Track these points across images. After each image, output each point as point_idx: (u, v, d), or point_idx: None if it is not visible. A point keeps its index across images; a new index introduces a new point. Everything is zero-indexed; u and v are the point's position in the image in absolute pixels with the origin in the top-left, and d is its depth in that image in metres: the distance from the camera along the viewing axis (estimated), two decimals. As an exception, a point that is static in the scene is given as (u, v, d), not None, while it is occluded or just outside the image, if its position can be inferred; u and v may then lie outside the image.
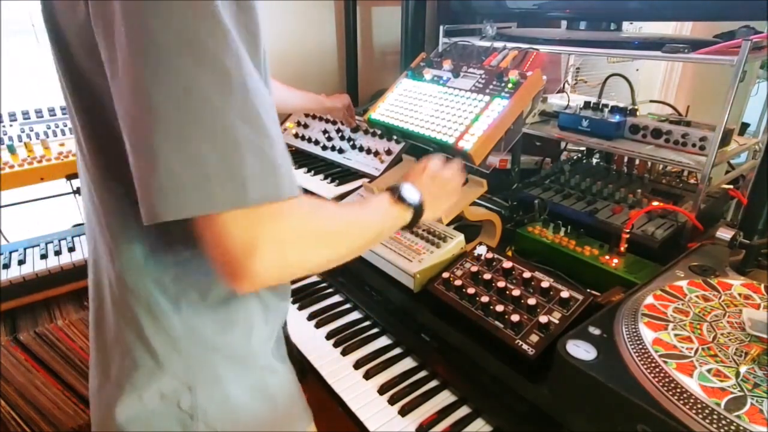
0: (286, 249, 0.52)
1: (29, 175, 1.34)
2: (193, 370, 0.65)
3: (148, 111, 0.44)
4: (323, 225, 0.59)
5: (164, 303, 0.63)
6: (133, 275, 0.61)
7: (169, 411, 0.65)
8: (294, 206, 0.52)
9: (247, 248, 0.48)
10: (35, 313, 1.53)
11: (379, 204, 0.72)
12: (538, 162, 1.50)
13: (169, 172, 0.44)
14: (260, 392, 0.72)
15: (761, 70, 1.06)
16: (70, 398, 1.55)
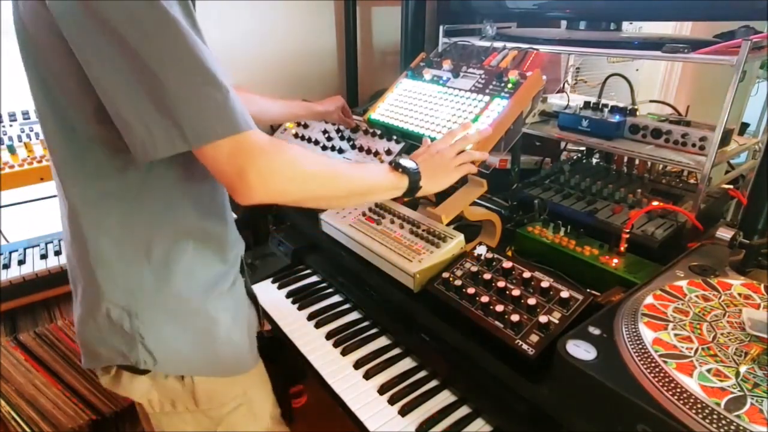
0: (268, 179, 0.67)
1: (29, 175, 1.34)
2: (133, 299, 0.78)
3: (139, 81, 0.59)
4: (306, 165, 0.73)
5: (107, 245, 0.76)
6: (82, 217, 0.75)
7: (116, 331, 0.79)
8: (279, 147, 0.68)
9: (237, 176, 0.65)
10: (35, 313, 1.53)
11: (375, 167, 0.86)
12: (538, 162, 1.50)
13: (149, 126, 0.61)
14: (195, 335, 0.84)
15: (761, 70, 1.06)
16: (70, 398, 1.55)
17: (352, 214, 1.18)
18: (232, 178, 0.66)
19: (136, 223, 0.76)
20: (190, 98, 0.61)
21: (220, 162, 0.65)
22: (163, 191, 0.76)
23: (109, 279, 0.78)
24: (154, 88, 0.59)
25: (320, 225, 1.22)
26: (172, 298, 0.81)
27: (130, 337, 0.80)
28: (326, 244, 1.22)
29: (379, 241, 1.07)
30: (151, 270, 0.78)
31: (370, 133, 1.50)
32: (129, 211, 0.75)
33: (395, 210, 1.15)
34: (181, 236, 0.80)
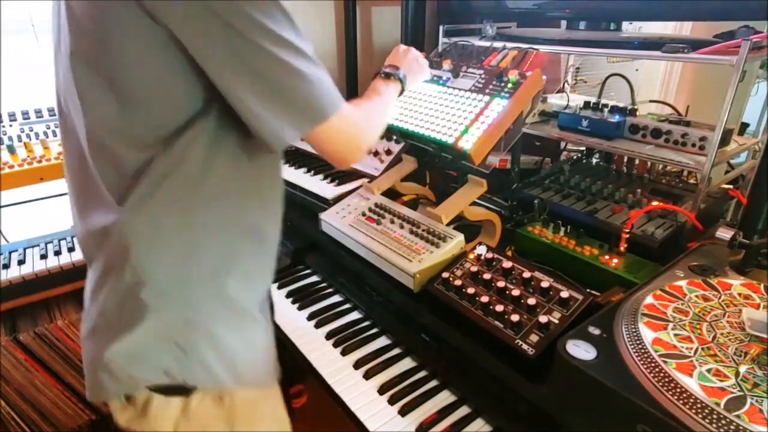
0: (368, 140, 0.82)
1: (29, 175, 1.34)
2: (189, 308, 0.74)
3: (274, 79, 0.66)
4: (375, 117, 0.89)
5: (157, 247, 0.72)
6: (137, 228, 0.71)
7: (166, 346, 0.73)
8: (358, 110, 0.80)
9: (346, 145, 0.77)
10: (35, 314, 1.53)
11: (385, 89, 0.97)
12: (537, 162, 1.50)
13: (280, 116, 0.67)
14: (245, 343, 0.80)
15: (761, 70, 1.06)
16: (70, 398, 1.55)
17: (352, 214, 1.18)
18: (345, 148, 0.77)
19: (194, 222, 0.73)
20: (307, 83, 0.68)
21: (336, 137, 0.74)
22: (227, 186, 0.74)
23: (162, 286, 0.72)
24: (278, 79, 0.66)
25: (320, 225, 1.22)
26: (228, 305, 0.77)
27: (182, 350, 0.74)
28: (326, 244, 1.22)
29: (379, 241, 1.07)
30: (210, 274, 0.75)
31: (370, 133, 1.50)
32: (186, 207, 0.72)
33: (395, 210, 1.15)
34: (241, 237, 0.78)
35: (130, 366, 0.74)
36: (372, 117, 0.87)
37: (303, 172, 1.47)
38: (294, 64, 0.66)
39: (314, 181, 1.41)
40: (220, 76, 0.65)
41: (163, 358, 0.74)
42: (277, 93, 0.67)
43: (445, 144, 1.01)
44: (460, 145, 0.98)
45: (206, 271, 0.74)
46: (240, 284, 0.78)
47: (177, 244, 0.72)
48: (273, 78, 0.66)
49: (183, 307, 0.74)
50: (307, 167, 1.48)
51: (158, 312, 0.72)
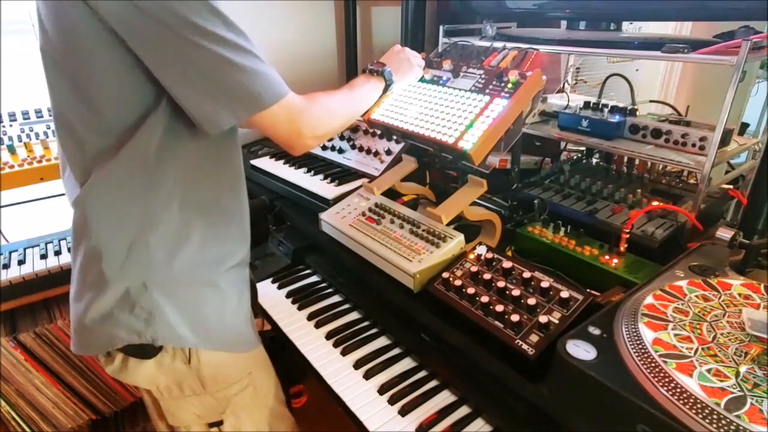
0: (316, 130, 0.86)
1: (29, 175, 1.34)
2: (148, 274, 0.82)
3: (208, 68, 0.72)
4: (335, 107, 0.93)
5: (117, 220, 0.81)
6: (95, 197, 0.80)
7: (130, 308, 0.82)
8: (313, 99, 0.86)
9: (294, 133, 0.83)
10: (35, 314, 1.53)
11: (365, 83, 1.03)
12: (537, 162, 1.50)
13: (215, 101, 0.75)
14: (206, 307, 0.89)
15: (761, 70, 1.06)
16: (70, 398, 1.55)
17: (352, 214, 1.18)
18: (289, 135, 0.83)
19: (150, 198, 0.80)
20: (244, 74, 0.73)
21: (278, 125, 0.81)
22: (183, 165, 0.82)
23: (120, 255, 0.81)
24: (213, 72, 0.72)
25: (320, 225, 1.22)
26: (186, 271, 0.85)
27: (147, 312, 0.82)
28: (326, 244, 1.22)
29: (379, 241, 1.07)
30: (166, 243, 0.83)
31: (370, 133, 1.50)
32: (143, 185, 0.80)
33: (395, 210, 1.15)
34: (197, 210, 0.85)
35: (104, 326, 0.83)
36: (330, 107, 0.91)
37: (303, 172, 1.47)
38: (227, 57, 0.72)
39: (314, 181, 1.41)
40: (158, 71, 0.72)
41: (130, 320, 0.82)
42: (211, 83, 0.73)
43: (446, 144, 1.01)
44: (460, 145, 0.98)
45: (162, 242, 0.82)
46: (198, 253, 0.86)
47: (133, 219, 0.81)
48: (205, 70, 0.72)
49: (142, 275, 0.82)
50: (307, 167, 1.48)
51: (119, 281, 0.81)
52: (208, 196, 0.87)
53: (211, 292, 0.90)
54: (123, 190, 0.80)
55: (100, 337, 0.84)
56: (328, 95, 0.93)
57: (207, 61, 0.71)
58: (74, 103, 0.77)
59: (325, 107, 0.90)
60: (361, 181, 1.32)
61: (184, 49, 0.70)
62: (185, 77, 0.72)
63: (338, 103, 0.95)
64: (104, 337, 0.84)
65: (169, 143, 0.79)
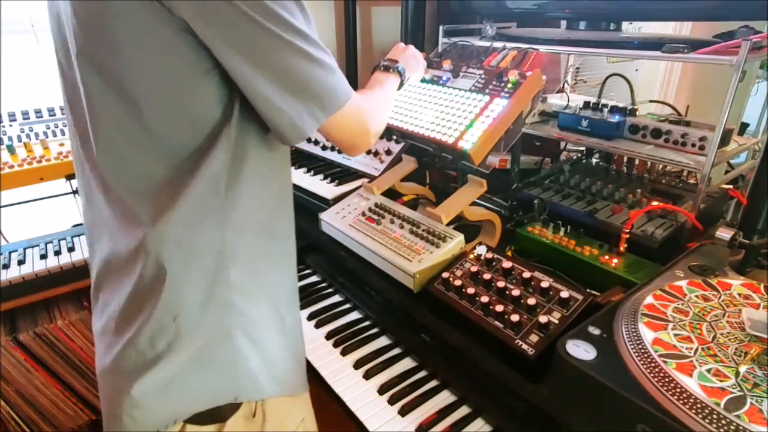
0: (378, 122, 0.84)
1: (29, 175, 1.34)
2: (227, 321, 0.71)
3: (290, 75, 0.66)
4: (381, 105, 0.91)
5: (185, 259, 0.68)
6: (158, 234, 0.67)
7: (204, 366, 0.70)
8: (366, 98, 0.84)
9: (360, 133, 0.79)
10: (35, 314, 1.53)
11: (385, 80, 0.99)
12: (537, 162, 1.50)
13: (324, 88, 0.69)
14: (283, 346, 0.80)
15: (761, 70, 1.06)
16: (70, 398, 1.55)
17: (351, 215, 1.18)
18: (356, 136, 0.79)
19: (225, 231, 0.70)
20: (317, 76, 0.67)
21: (348, 124, 0.76)
22: (250, 189, 0.72)
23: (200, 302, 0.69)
24: (292, 75, 0.66)
25: (320, 225, 1.22)
26: (263, 309, 0.76)
27: (231, 365, 0.72)
28: (326, 244, 1.22)
29: (379, 241, 1.07)
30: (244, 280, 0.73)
31: (370, 133, 1.50)
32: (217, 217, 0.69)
33: (395, 210, 1.15)
34: (267, 237, 0.76)
35: (164, 397, 0.69)
36: (379, 105, 0.89)
37: (303, 172, 1.47)
38: (309, 52, 0.65)
39: (314, 181, 1.41)
40: (236, 67, 0.63)
41: (209, 379, 0.70)
42: (294, 82, 0.66)
43: (445, 144, 1.01)
44: (460, 145, 0.98)
45: (241, 279, 0.72)
46: (273, 286, 0.78)
47: (209, 258, 0.69)
48: (289, 67, 0.65)
49: (223, 321, 0.71)
50: (307, 167, 1.48)
51: (197, 333, 0.69)
52: (273, 221, 0.78)
53: (283, 328, 0.80)
54: (197, 227, 0.68)
55: (163, 410, 0.70)
56: (372, 92, 0.91)
57: (290, 57, 0.64)
58: (123, 122, 0.65)
59: (376, 103, 0.88)
60: (361, 181, 1.32)
61: (267, 42, 0.62)
62: (266, 75, 0.64)
63: (382, 99, 0.93)
64: (169, 409, 0.70)
65: (238, 163, 0.69)
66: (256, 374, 0.74)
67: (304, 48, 0.65)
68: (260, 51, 0.63)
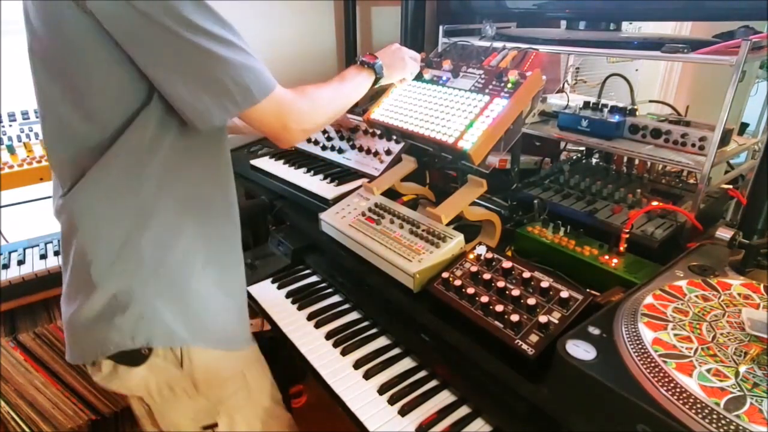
0: (303, 123, 0.87)
1: (29, 175, 1.34)
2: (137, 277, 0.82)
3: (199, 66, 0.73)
4: (322, 100, 0.93)
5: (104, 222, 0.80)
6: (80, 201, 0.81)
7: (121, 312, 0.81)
8: (300, 93, 0.87)
9: (281, 128, 0.84)
10: (34, 314, 1.53)
11: (355, 75, 1.03)
12: (537, 162, 1.50)
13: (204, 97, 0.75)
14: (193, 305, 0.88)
15: (760, 70, 1.06)
16: (70, 398, 1.55)
17: (351, 215, 1.18)
18: (276, 130, 0.84)
19: (141, 195, 0.80)
20: (233, 68, 0.74)
21: (266, 119, 0.81)
22: (174, 162, 0.81)
23: (110, 256, 0.80)
24: (204, 67, 0.73)
25: (320, 225, 1.22)
26: (177, 269, 0.85)
27: (139, 313, 0.81)
28: (326, 244, 1.22)
29: (379, 241, 1.07)
30: (158, 241, 0.82)
31: (370, 133, 1.50)
32: (135, 183, 0.79)
33: (395, 210, 1.15)
34: (188, 207, 0.85)
35: (94, 331, 0.82)
36: (318, 101, 0.92)
37: (303, 172, 1.47)
38: (216, 51, 0.72)
39: (314, 181, 1.41)
40: (147, 67, 0.72)
41: (123, 322, 0.81)
42: (201, 78, 0.73)
43: (445, 144, 1.01)
44: (460, 145, 0.98)
45: (154, 240, 0.81)
46: (190, 250, 0.86)
47: (123, 218, 0.80)
48: (195, 64, 0.72)
49: (133, 275, 0.81)
50: (307, 167, 1.48)
51: (108, 282, 0.80)
52: (199, 193, 0.87)
53: (204, 289, 0.88)
54: (114, 189, 0.79)
55: (91, 343, 0.83)
56: (317, 88, 0.93)
57: (196, 55, 0.71)
58: (64, 103, 0.76)
59: (312, 100, 0.90)
60: (361, 181, 1.32)
61: (174, 43, 0.70)
62: (175, 72, 0.72)
63: (327, 96, 0.95)
64: (95, 342, 0.82)
65: (160, 139, 0.79)
66: (167, 323, 0.83)
67: (208, 47, 0.71)
68: (166, 53, 0.71)
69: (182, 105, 0.75)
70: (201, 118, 0.76)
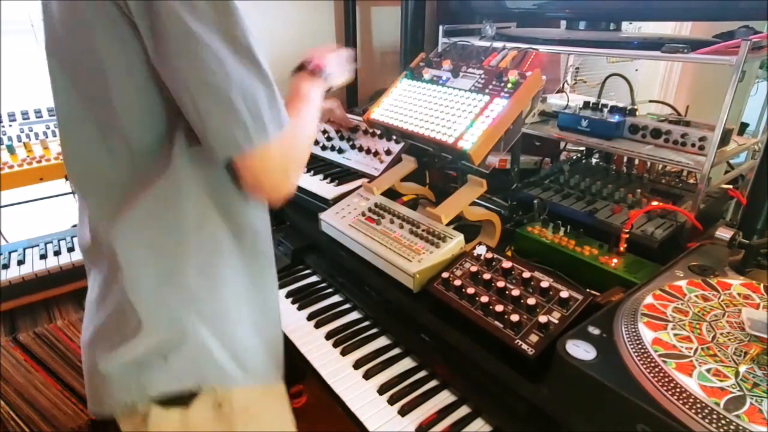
0: (299, 168, 0.78)
1: (28, 175, 1.34)
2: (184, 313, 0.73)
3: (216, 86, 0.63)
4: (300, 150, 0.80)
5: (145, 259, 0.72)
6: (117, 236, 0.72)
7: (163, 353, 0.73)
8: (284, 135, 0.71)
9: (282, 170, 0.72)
10: (34, 314, 1.53)
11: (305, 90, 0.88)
12: (537, 162, 1.50)
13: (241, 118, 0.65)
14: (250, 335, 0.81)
15: (760, 70, 1.06)
16: (70, 398, 1.55)
17: (351, 214, 1.18)
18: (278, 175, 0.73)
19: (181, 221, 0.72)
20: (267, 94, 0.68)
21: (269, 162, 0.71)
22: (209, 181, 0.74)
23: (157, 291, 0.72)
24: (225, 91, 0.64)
25: (320, 225, 1.22)
26: (227, 299, 0.78)
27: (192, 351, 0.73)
28: (326, 244, 1.22)
29: (379, 241, 1.07)
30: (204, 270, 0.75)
31: (370, 133, 1.50)
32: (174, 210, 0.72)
33: (395, 210, 1.15)
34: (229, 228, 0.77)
35: (134, 375, 0.72)
36: (304, 134, 0.81)
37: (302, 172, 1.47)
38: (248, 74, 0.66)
39: (314, 181, 1.41)
40: (171, 80, 0.64)
41: (172, 362, 0.72)
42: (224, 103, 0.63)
43: (445, 144, 1.01)
44: (460, 144, 0.98)
45: (200, 269, 0.74)
46: (235, 275, 0.79)
47: (166, 248, 0.72)
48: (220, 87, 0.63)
49: (182, 310, 0.73)
50: (307, 167, 1.48)
51: (156, 321, 0.72)
52: (236, 212, 0.78)
53: (249, 320, 0.81)
54: (155, 219, 0.71)
55: (130, 387, 0.73)
56: (301, 116, 0.82)
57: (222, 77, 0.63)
58: (88, 124, 0.70)
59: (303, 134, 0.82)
60: (361, 181, 1.32)
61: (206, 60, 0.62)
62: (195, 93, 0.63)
63: (310, 124, 0.85)
64: (136, 387, 0.73)
65: (196, 156, 0.71)
66: (221, 364, 0.75)
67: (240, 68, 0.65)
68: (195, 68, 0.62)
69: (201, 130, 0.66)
70: (221, 148, 0.67)
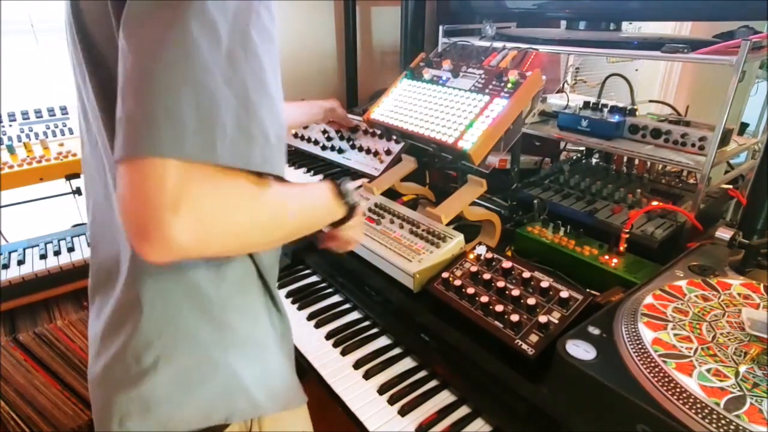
0: (209, 223, 0.48)
1: (28, 175, 1.34)
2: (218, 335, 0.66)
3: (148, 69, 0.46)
4: (262, 214, 0.56)
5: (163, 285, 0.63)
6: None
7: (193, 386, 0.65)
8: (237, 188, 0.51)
9: (172, 202, 0.45)
10: (34, 314, 1.52)
11: (321, 197, 0.73)
12: (537, 162, 1.50)
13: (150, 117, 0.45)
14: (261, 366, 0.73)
15: (760, 70, 1.06)
16: (70, 398, 1.55)
17: (351, 214, 1.17)
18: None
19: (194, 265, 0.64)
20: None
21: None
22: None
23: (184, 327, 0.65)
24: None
25: (320, 225, 1.22)
26: (251, 324, 0.71)
27: (221, 383, 0.67)
28: (326, 244, 1.21)
29: (379, 241, 1.07)
30: (232, 296, 0.68)
31: (370, 133, 1.50)
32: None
33: (395, 210, 1.15)
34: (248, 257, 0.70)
35: (150, 415, 0.64)
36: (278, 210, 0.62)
37: (303, 172, 1.47)
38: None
39: (314, 181, 1.41)
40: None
41: (201, 394, 0.66)
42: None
43: (445, 144, 1.01)
44: (460, 145, 0.98)
45: (228, 296, 0.68)
46: (258, 297, 0.73)
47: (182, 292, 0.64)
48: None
49: (212, 339, 0.67)
50: (307, 167, 1.48)
51: (182, 350, 0.65)
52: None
53: (274, 341, 0.76)
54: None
55: (149, 428, 0.65)
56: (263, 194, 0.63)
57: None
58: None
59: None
60: (361, 181, 1.32)
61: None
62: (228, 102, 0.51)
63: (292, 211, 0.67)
64: (155, 425, 0.65)
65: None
66: (253, 392, 0.69)
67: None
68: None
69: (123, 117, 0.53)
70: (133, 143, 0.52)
